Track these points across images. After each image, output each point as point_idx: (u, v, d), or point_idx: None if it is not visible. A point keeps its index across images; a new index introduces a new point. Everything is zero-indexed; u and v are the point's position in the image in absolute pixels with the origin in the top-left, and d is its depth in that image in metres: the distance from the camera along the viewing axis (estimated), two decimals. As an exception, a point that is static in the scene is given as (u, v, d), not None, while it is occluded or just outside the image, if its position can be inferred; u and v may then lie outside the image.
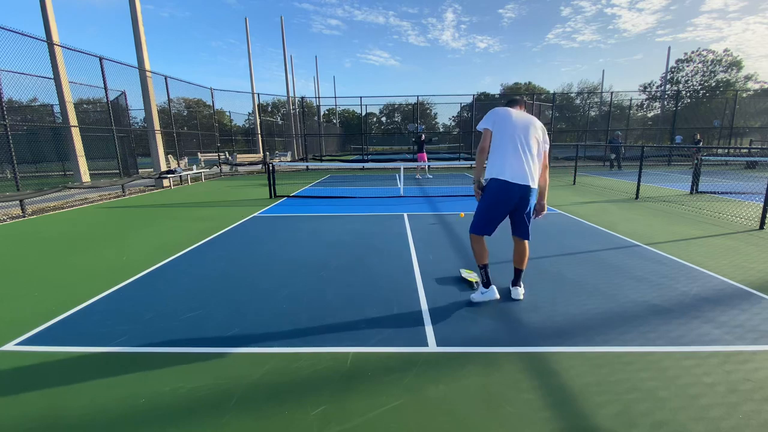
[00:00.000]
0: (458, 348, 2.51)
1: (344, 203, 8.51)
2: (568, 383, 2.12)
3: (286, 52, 27.47)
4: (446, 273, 3.91)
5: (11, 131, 7.79)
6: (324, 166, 20.48)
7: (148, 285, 3.73)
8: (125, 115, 12.26)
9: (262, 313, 3.04)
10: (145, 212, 7.97)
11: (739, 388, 2.06)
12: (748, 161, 15.17)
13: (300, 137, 23.79)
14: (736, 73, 36.55)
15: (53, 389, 2.14)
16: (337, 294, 3.41)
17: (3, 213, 7.61)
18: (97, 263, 4.47)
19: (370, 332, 2.72)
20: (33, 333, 2.79)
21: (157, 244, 5.29)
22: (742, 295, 3.28)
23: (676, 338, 2.59)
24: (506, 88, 53.51)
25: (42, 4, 9.66)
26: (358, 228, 6.02)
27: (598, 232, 5.57)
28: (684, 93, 34.06)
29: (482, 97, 37.21)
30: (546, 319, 2.90)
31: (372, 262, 4.28)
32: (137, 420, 1.89)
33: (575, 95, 36.43)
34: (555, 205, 7.75)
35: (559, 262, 4.22)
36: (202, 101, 17.57)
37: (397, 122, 47.30)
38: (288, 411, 1.93)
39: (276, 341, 2.62)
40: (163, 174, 12.48)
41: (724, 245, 4.80)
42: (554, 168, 16.88)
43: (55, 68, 9.63)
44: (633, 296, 3.28)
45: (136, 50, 12.71)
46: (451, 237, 5.36)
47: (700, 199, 8.31)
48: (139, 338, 2.69)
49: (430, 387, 2.11)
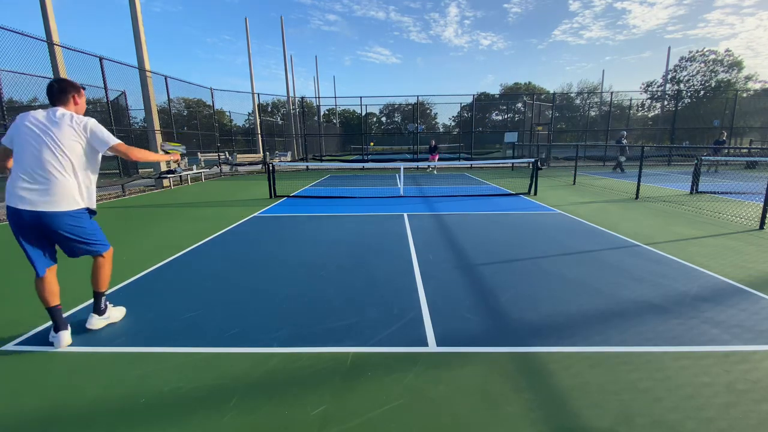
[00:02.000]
0: (458, 348, 2.51)
1: (344, 203, 8.51)
2: (567, 383, 2.13)
3: (286, 52, 27.49)
4: (446, 273, 3.91)
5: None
6: (324, 166, 20.47)
7: (148, 285, 3.73)
8: (125, 115, 12.26)
9: (262, 313, 3.05)
10: (145, 212, 7.98)
11: (737, 387, 2.06)
12: (748, 161, 15.16)
13: (300, 137, 23.79)
14: (737, 73, 36.55)
15: (53, 389, 2.14)
16: (337, 294, 3.42)
17: (3, 213, 7.61)
18: (97, 263, 4.46)
19: (370, 332, 2.72)
20: (33, 333, 2.79)
21: (156, 244, 5.29)
22: (741, 295, 3.28)
23: (675, 338, 2.59)
24: (506, 88, 53.52)
25: (42, 4, 9.66)
26: (358, 228, 6.02)
27: (598, 232, 5.58)
28: (685, 93, 34.07)
29: (482, 97, 37.26)
30: (546, 319, 2.90)
31: (372, 262, 4.28)
32: (137, 420, 1.89)
33: (575, 95, 36.45)
34: (555, 205, 7.76)
35: (559, 262, 4.23)
36: (202, 101, 17.57)
37: (397, 122, 47.32)
38: (288, 411, 1.93)
39: (276, 341, 2.62)
40: (163, 174, 12.48)
41: (724, 245, 4.81)
42: (554, 168, 16.90)
43: (55, 68, 9.64)
44: (632, 296, 3.28)
45: (136, 50, 12.72)
46: (451, 237, 5.37)
47: (700, 199, 8.32)
48: (139, 338, 2.70)
49: (430, 387, 2.11)
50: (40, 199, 2.36)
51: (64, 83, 2.59)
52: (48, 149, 2.39)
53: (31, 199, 2.35)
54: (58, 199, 2.40)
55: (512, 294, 3.35)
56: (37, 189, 2.36)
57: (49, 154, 2.38)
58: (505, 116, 36.83)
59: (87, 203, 2.59)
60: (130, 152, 2.65)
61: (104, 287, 2.83)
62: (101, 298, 2.83)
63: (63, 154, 2.41)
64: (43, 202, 2.36)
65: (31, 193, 2.35)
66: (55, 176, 2.39)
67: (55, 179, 2.39)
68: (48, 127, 2.41)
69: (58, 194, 2.40)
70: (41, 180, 2.37)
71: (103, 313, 2.83)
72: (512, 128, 25.51)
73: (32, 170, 2.37)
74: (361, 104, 20.39)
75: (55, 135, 2.41)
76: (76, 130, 2.46)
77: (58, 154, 2.40)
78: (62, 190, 2.41)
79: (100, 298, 2.83)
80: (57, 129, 2.42)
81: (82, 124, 2.49)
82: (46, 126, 2.41)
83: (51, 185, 2.38)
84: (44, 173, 2.38)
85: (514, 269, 4.02)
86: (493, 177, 14.13)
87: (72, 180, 2.47)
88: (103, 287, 2.82)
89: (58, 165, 2.40)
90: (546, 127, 19.46)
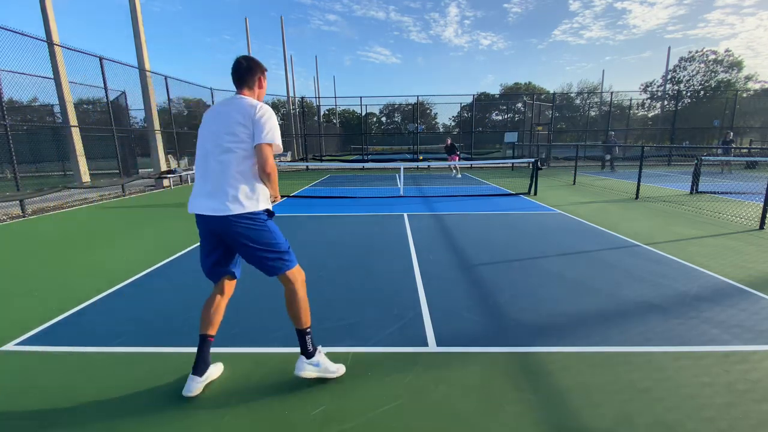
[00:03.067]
0: (458, 348, 2.51)
1: (344, 203, 8.51)
2: (567, 383, 2.12)
3: (286, 52, 27.49)
4: (446, 273, 3.91)
5: (11, 131, 7.79)
6: (324, 166, 20.47)
7: (148, 285, 3.73)
8: (125, 115, 12.26)
9: (262, 313, 3.05)
10: (145, 212, 7.98)
11: (737, 387, 2.06)
12: (748, 161, 15.16)
13: (300, 137, 23.78)
14: (737, 73, 36.54)
15: (53, 389, 2.14)
16: (337, 294, 3.42)
17: (3, 213, 7.61)
18: (97, 263, 4.47)
19: (370, 332, 2.72)
20: (33, 333, 2.79)
21: (157, 244, 5.29)
22: (741, 295, 3.28)
23: (675, 338, 2.59)
24: (506, 88, 53.51)
25: (42, 5, 9.66)
26: (358, 228, 6.02)
27: (598, 232, 5.58)
28: (685, 93, 34.07)
29: (482, 97, 37.25)
30: (546, 318, 2.90)
31: (372, 262, 4.28)
32: (137, 420, 1.89)
33: (575, 95, 36.45)
34: (555, 205, 7.76)
35: (559, 262, 4.23)
36: (202, 101, 17.56)
37: (397, 122, 47.31)
38: (288, 411, 1.93)
39: (276, 341, 2.62)
40: (163, 174, 12.47)
41: (724, 245, 4.80)
42: (554, 168, 16.90)
43: (55, 68, 9.64)
44: (632, 296, 3.28)
45: (136, 50, 12.71)
46: (451, 237, 5.37)
47: (700, 199, 8.31)
48: (139, 338, 2.70)
49: (430, 387, 2.11)
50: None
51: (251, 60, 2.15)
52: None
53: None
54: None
55: (512, 294, 3.35)
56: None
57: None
58: (505, 116, 36.82)
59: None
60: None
61: (300, 324, 2.15)
62: (305, 336, 2.16)
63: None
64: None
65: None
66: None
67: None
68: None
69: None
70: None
71: (311, 356, 2.15)
72: (512, 128, 25.52)
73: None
74: (361, 104, 20.41)
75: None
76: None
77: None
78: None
79: (304, 337, 2.16)
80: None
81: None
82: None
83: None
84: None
85: (514, 269, 4.02)
86: (493, 177, 14.13)
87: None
88: (298, 324, 2.16)
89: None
90: (546, 127, 19.46)
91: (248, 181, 1.99)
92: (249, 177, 2.00)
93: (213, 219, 1.97)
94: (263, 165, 1.97)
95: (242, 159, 1.98)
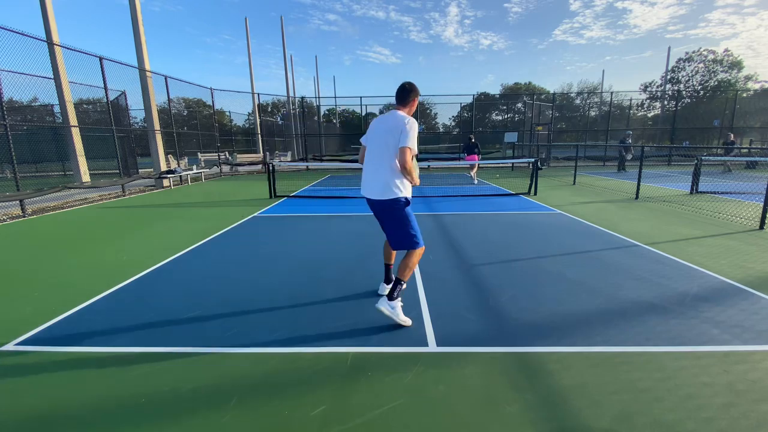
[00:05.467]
0: (458, 348, 2.51)
1: (344, 203, 8.51)
2: (567, 383, 2.13)
3: (286, 52, 27.49)
4: (446, 273, 3.91)
5: (11, 131, 7.79)
6: (324, 166, 20.46)
7: (148, 285, 3.73)
8: (125, 115, 12.26)
9: (262, 313, 3.05)
10: (145, 212, 7.98)
11: (737, 387, 2.06)
12: (748, 161, 15.16)
13: (300, 137, 23.78)
14: (737, 73, 36.54)
15: (53, 389, 2.14)
16: (337, 294, 3.42)
17: (3, 213, 7.61)
18: (97, 263, 4.47)
19: (370, 332, 2.72)
20: (33, 333, 2.79)
21: (157, 244, 5.29)
22: (741, 295, 3.28)
23: (675, 338, 2.59)
24: (506, 88, 53.48)
25: (42, 4, 9.66)
26: (358, 228, 6.02)
27: (598, 232, 5.58)
28: (684, 93, 34.06)
29: (482, 97, 37.24)
30: (546, 318, 2.90)
31: (372, 262, 4.28)
32: (138, 420, 1.89)
33: (575, 95, 36.44)
34: (555, 205, 7.76)
35: (559, 262, 4.23)
36: (202, 101, 17.57)
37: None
38: (288, 411, 1.93)
39: (276, 341, 2.62)
40: (163, 174, 12.47)
41: (724, 245, 4.80)
42: (554, 168, 16.90)
43: (55, 68, 9.63)
44: (632, 296, 3.28)
45: (136, 50, 12.70)
46: (451, 237, 5.37)
47: (700, 199, 8.31)
48: (139, 338, 2.70)
49: (430, 387, 2.11)
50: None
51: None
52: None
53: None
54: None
55: (512, 294, 3.35)
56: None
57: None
58: (505, 116, 36.81)
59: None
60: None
61: (401, 275, 2.80)
62: (397, 285, 2.78)
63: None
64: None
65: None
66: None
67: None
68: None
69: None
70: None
71: (393, 300, 2.75)
72: (512, 128, 25.50)
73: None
74: (361, 104, 20.43)
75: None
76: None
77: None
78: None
79: (396, 285, 2.78)
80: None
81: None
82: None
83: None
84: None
85: (514, 269, 4.02)
86: (492, 177, 14.13)
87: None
88: (400, 274, 2.80)
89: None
90: (546, 127, 19.44)
91: (396, 174, 2.72)
92: (396, 171, 2.71)
93: (373, 202, 2.83)
94: (403, 162, 2.65)
95: (394, 156, 2.68)
